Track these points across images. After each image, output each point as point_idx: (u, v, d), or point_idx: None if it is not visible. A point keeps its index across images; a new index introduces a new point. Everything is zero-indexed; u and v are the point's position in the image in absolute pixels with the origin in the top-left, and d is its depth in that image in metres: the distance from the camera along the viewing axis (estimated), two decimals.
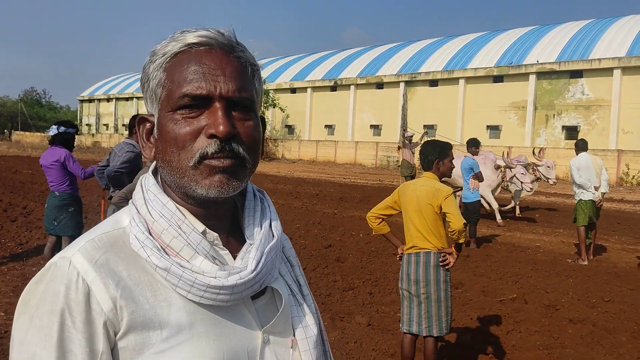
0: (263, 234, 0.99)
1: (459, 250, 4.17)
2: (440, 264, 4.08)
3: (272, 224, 1.04)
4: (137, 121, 1.00)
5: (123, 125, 65.43)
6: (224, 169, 0.90)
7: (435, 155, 4.25)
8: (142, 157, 4.90)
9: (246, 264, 0.94)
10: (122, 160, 5.54)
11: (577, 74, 33.46)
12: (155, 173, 1.02)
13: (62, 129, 6.26)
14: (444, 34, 61.00)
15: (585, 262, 8.81)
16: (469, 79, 38.26)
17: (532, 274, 7.92)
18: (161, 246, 0.90)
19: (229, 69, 0.92)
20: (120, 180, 5.52)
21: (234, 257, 0.97)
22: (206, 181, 0.90)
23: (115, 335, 0.85)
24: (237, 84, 0.92)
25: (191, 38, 0.92)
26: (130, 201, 0.99)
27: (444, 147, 4.30)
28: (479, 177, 9.39)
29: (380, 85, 43.16)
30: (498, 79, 37.00)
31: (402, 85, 41.53)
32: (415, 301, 4.12)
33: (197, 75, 0.90)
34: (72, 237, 6.47)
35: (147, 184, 0.98)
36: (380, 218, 4.35)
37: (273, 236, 1.02)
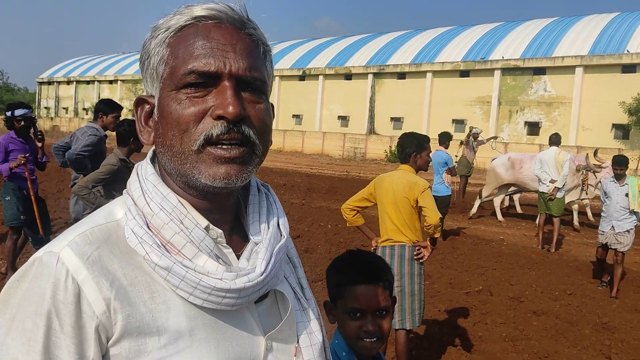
0: (271, 233, 0.91)
1: (434, 244, 4.17)
2: (415, 257, 4.07)
3: (280, 221, 0.95)
4: (134, 103, 0.90)
5: (84, 109, 63.75)
6: (232, 158, 0.81)
7: (413, 148, 4.21)
8: (123, 149, 4.70)
9: (254, 265, 0.86)
10: (85, 143, 5.32)
11: (540, 71, 34.23)
12: (152, 161, 0.92)
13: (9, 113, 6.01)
14: (413, 27, 61.53)
15: (538, 247, 9.70)
16: (436, 73, 38.68)
17: (496, 267, 8.05)
18: (161, 243, 0.81)
19: (239, 46, 0.83)
20: (82, 163, 5.31)
21: (237, 256, 0.88)
22: (210, 170, 0.81)
23: (108, 341, 0.76)
24: (248, 62, 0.83)
25: (198, 11, 0.83)
26: (124, 191, 0.89)
27: (422, 140, 4.27)
28: (452, 172, 9.47)
29: (348, 77, 43.21)
30: (464, 73, 37.54)
31: (370, 77, 41.68)
32: None
33: (204, 50, 0.81)
34: (12, 229, 6.22)
35: (145, 173, 0.88)
36: (355, 210, 4.31)
37: (282, 235, 0.93)
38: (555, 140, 9.57)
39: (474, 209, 12.87)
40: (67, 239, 0.78)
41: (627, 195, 7.15)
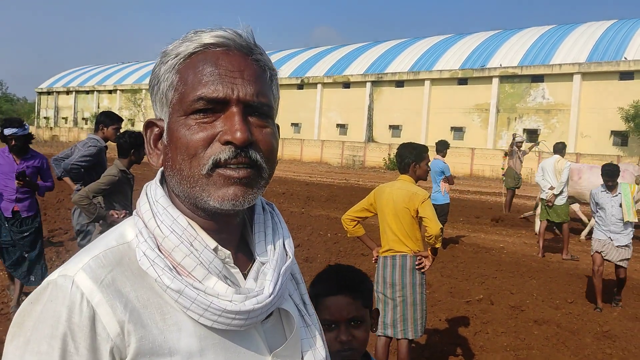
0: (278, 254, 0.92)
1: (435, 254, 4.16)
2: (417, 267, 4.06)
3: (286, 242, 0.97)
4: (144, 125, 0.92)
5: (83, 119, 63.83)
6: (240, 179, 0.83)
7: (412, 158, 4.22)
8: (129, 161, 4.69)
9: (262, 286, 0.87)
10: (83, 154, 5.31)
11: (538, 78, 34.35)
12: (161, 182, 0.93)
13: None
14: (410, 35, 61.76)
15: (539, 255, 9.69)
16: (434, 81, 38.79)
17: (497, 275, 8.04)
18: (172, 265, 0.83)
19: (247, 72, 0.85)
20: (79, 174, 5.30)
21: (244, 275, 0.90)
22: (219, 192, 0.83)
23: None
24: (255, 88, 0.85)
25: (207, 38, 0.85)
26: (134, 212, 0.91)
27: (420, 150, 4.28)
28: (449, 180, 9.47)
29: (347, 85, 43.33)
30: (462, 81, 37.66)
31: (368, 85, 41.80)
32: (391, 304, 4.10)
33: (213, 77, 0.83)
34: None
35: (154, 195, 0.89)
36: (355, 220, 4.31)
37: (287, 256, 0.95)
38: (558, 148, 9.77)
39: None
40: (81, 262, 0.80)
41: (621, 205, 6.67)
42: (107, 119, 5.56)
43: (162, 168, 0.92)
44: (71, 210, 5.83)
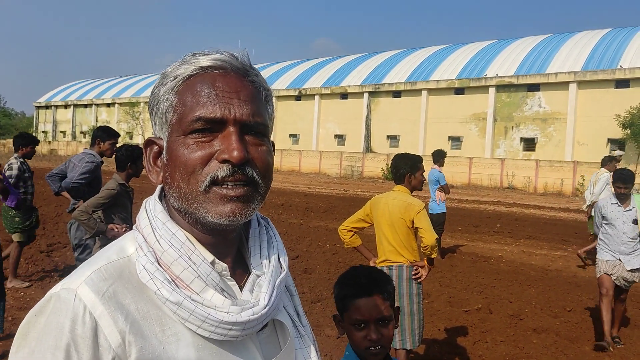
0: (273, 267, 0.96)
1: (431, 264, 4.19)
2: (413, 277, 4.09)
3: (280, 255, 1.01)
4: (144, 144, 0.96)
5: (81, 132, 63.90)
6: (237, 197, 0.87)
7: (407, 168, 4.26)
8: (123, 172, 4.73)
9: (257, 298, 0.91)
10: (82, 171, 5.36)
11: (534, 87, 34.53)
12: (160, 198, 0.97)
13: None
14: (407, 46, 62.04)
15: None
16: (431, 91, 38.96)
17: (495, 284, 8.05)
18: (171, 278, 0.86)
19: (243, 93, 0.89)
20: (79, 191, 5.34)
21: (240, 287, 0.94)
22: (217, 209, 0.86)
23: None
24: (251, 108, 0.89)
25: (204, 61, 0.89)
26: (134, 226, 0.94)
27: (415, 160, 4.32)
28: (445, 190, 9.51)
29: (344, 96, 43.49)
30: (459, 91, 37.82)
31: (366, 95, 41.95)
32: None
33: (210, 98, 0.87)
34: None
35: (154, 210, 0.93)
36: (352, 231, 4.33)
37: (282, 269, 0.99)
38: (604, 161, 10.02)
39: None
40: (83, 275, 0.83)
41: (635, 222, 5.65)
42: (104, 134, 5.60)
43: (161, 185, 0.95)
44: (67, 225, 5.85)
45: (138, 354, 0.80)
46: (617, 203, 5.72)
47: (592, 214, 9.63)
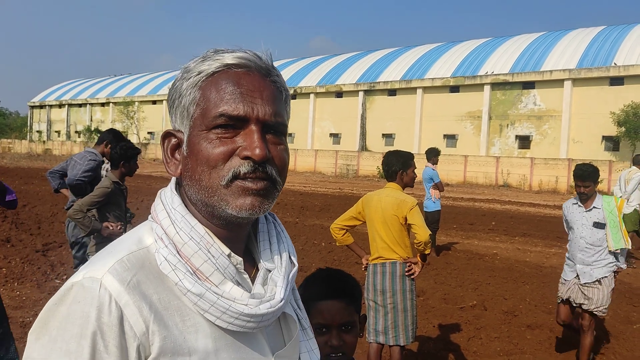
0: (285, 261, 0.99)
1: (424, 260, 4.21)
2: (406, 273, 4.11)
3: (290, 250, 1.03)
4: (162, 136, 0.97)
5: (76, 132, 63.70)
6: (257, 191, 0.89)
7: (399, 166, 4.27)
8: (116, 169, 4.72)
9: (272, 291, 0.94)
10: (85, 169, 5.37)
11: (529, 85, 34.64)
12: (175, 189, 0.99)
13: None
14: (402, 44, 62.13)
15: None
16: (426, 89, 39.02)
17: (490, 281, 8.08)
18: (192, 270, 0.88)
19: (266, 93, 0.91)
20: (82, 189, 5.35)
21: (251, 281, 0.97)
22: (238, 202, 0.89)
23: None
24: (273, 108, 0.91)
25: (229, 59, 0.91)
26: (150, 217, 0.96)
27: (407, 157, 4.33)
28: (439, 187, 9.54)
29: (339, 94, 43.51)
30: (454, 89, 37.90)
31: (361, 94, 41.98)
32: (382, 311, 4.13)
33: (234, 96, 0.89)
34: None
35: (171, 203, 0.94)
36: (344, 229, 4.34)
37: (293, 263, 1.02)
38: (636, 161, 10.11)
39: None
40: (107, 265, 0.84)
41: (597, 225, 4.83)
42: (115, 139, 5.57)
43: (175, 178, 0.97)
44: (65, 223, 5.86)
45: (161, 342, 0.82)
46: (577, 203, 5.02)
47: (624, 212, 9.83)
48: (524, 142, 34.89)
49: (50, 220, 11.54)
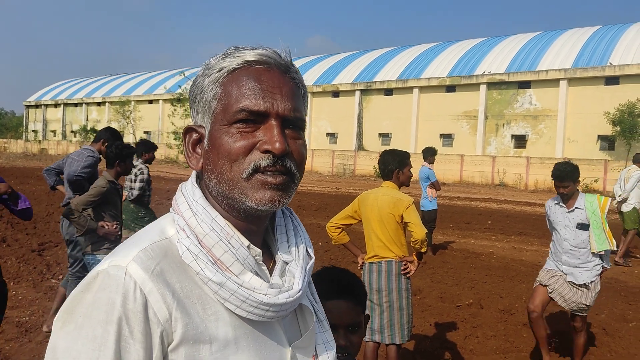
0: (302, 254, 1.02)
1: (420, 259, 4.21)
2: (402, 272, 4.11)
3: (307, 243, 1.06)
4: (183, 131, 1.00)
5: (72, 131, 63.51)
6: (277, 185, 0.92)
7: (395, 165, 4.28)
8: (123, 169, 4.73)
9: (290, 282, 0.96)
10: (84, 164, 5.38)
11: (525, 84, 34.70)
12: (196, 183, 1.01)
13: None
14: (398, 44, 62.22)
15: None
16: (422, 89, 39.06)
17: (486, 280, 8.10)
18: (213, 260, 0.90)
19: (285, 89, 0.94)
20: (81, 185, 5.33)
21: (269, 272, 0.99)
22: (257, 195, 0.91)
23: (168, 346, 0.85)
24: (292, 104, 0.94)
25: (250, 55, 0.94)
26: (171, 209, 0.98)
27: (403, 156, 4.34)
28: (435, 186, 9.56)
29: (336, 94, 43.51)
30: (450, 88, 37.95)
31: (357, 93, 41.99)
32: (378, 310, 4.14)
33: (255, 91, 0.92)
34: None
35: (192, 195, 0.97)
36: (340, 228, 4.35)
37: (310, 256, 1.04)
38: (636, 159, 10.11)
39: None
40: (131, 254, 0.86)
41: (580, 226, 4.63)
42: (111, 137, 5.58)
43: (196, 171, 1.00)
44: (60, 221, 5.85)
45: (183, 329, 0.84)
46: (559, 203, 4.80)
47: (622, 210, 9.86)
48: (520, 141, 34.96)
49: (46, 219, 11.51)
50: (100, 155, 5.61)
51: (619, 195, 10.02)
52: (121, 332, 0.80)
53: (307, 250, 1.04)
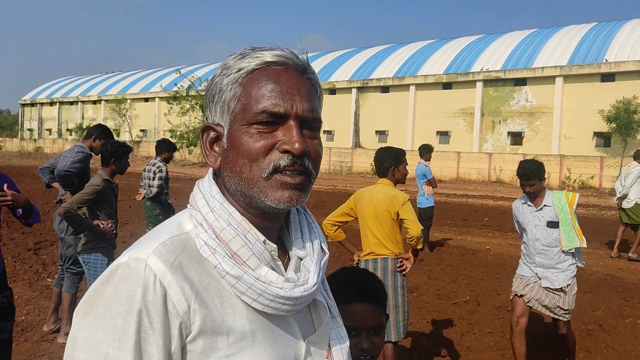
0: (316, 249, 1.04)
1: (416, 255, 4.21)
2: (398, 269, 4.11)
3: (321, 239, 1.08)
4: (201, 130, 1.01)
5: (67, 130, 63.30)
6: (295, 185, 0.94)
7: (391, 162, 4.29)
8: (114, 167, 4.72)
9: (306, 277, 0.98)
10: (73, 159, 5.37)
11: (521, 81, 34.72)
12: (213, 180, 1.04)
13: None
14: (395, 41, 62.18)
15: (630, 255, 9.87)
16: (419, 86, 39.05)
17: (483, 277, 8.12)
18: (230, 254, 0.92)
19: (303, 89, 0.96)
20: (71, 180, 5.32)
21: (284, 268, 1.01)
22: (276, 194, 0.93)
23: (187, 337, 0.87)
24: (310, 105, 0.97)
25: (269, 56, 0.95)
26: (189, 205, 1.00)
27: (398, 153, 4.35)
28: (432, 183, 9.57)
29: (332, 91, 43.47)
30: (447, 85, 37.95)
31: (354, 91, 41.97)
32: None
33: (275, 93, 0.94)
34: None
35: (210, 191, 0.99)
36: (336, 225, 4.35)
37: (324, 252, 1.06)
38: (637, 155, 10.13)
39: None
40: (151, 247, 0.88)
41: (551, 224, 4.44)
42: (102, 134, 5.59)
43: (212, 168, 1.02)
44: (53, 218, 5.85)
45: (201, 321, 0.86)
46: (527, 202, 4.62)
47: (623, 206, 9.88)
48: (516, 138, 35.00)
49: (42, 218, 11.47)
50: (92, 152, 5.61)
51: (620, 192, 10.05)
52: (141, 323, 0.82)
53: (321, 246, 1.06)
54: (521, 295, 4.65)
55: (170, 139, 8.14)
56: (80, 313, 0.85)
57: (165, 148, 7.36)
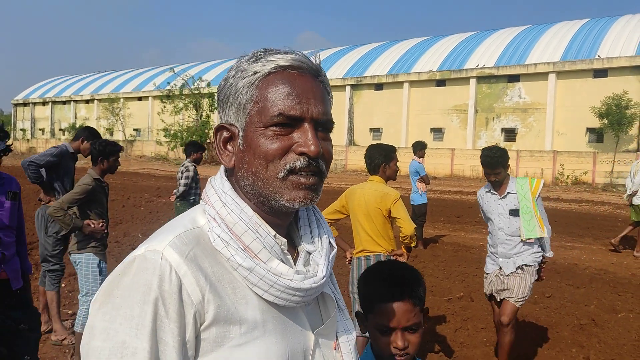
0: (325, 244, 1.07)
1: (409, 251, 4.21)
2: None
3: (329, 234, 1.11)
4: (215, 129, 1.04)
5: (60, 129, 62.99)
6: (309, 185, 0.98)
7: (382, 159, 4.28)
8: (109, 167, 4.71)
9: (315, 270, 1.02)
10: (45, 152, 5.39)
11: (514, 78, 34.80)
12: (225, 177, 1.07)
13: None
14: (388, 38, 62.23)
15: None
16: (413, 83, 39.07)
17: (477, 273, 8.12)
18: (243, 247, 0.96)
19: (317, 93, 1.00)
20: (37, 172, 5.26)
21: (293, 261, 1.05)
22: (291, 194, 0.97)
23: (201, 326, 0.90)
24: (323, 108, 1.00)
25: (283, 60, 0.99)
26: (202, 201, 1.04)
27: (389, 150, 4.34)
28: (425, 180, 9.57)
29: None
30: (440, 82, 37.99)
31: (348, 88, 41.96)
32: None
33: (291, 96, 0.97)
34: None
35: (222, 187, 1.03)
36: (328, 222, 4.32)
37: (332, 246, 1.10)
38: None
39: None
40: (167, 240, 0.92)
41: (513, 212, 4.33)
42: (90, 135, 5.58)
43: (223, 166, 1.05)
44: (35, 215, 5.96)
45: (215, 311, 0.90)
46: (491, 191, 4.51)
47: (634, 203, 9.89)
48: (510, 134, 35.09)
49: (34, 218, 11.39)
50: (80, 154, 5.61)
51: (630, 189, 10.04)
52: (157, 312, 0.85)
53: (329, 241, 1.09)
54: (490, 295, 4.61)
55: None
56: (97, 303, 0.88)
57: (194, 149, 7.63)
